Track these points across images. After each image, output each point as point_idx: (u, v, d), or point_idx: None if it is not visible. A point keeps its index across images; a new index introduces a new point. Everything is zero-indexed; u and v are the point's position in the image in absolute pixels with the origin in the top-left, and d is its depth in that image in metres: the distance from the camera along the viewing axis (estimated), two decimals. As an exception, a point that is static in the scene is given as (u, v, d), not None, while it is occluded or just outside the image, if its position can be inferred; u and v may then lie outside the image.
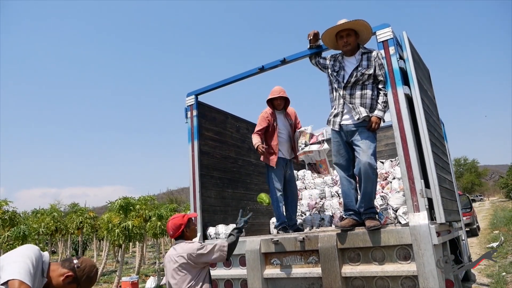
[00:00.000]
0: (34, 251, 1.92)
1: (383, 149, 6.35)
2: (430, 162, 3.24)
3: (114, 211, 9.88)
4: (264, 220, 5.58)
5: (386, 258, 3.15)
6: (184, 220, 3.10)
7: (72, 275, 2.02)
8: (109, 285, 10.83)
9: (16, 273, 1.74)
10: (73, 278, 2.02)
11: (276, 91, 4.46)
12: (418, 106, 3.36)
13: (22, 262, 1.81)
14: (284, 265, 3.65)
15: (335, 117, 3.64)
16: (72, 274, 2.01)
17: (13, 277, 1.72)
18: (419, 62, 3.97)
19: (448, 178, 4.06)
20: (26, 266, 1.79)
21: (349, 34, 3.58)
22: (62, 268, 2.02)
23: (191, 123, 4.67)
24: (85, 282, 2.08)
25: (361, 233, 3.25)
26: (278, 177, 4.36)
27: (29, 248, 1.93)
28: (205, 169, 4.68)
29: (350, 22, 3.51)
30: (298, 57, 4.03)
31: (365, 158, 3.36)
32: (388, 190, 4.66)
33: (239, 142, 5.49)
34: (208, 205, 4.60)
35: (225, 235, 4.26)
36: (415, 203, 3.09)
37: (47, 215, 14.27)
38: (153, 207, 13.02)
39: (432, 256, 2.86)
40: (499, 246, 11.23)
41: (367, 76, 3.51)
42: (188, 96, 4.77)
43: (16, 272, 1.74)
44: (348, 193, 3.60)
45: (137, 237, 9.82)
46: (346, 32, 3.57)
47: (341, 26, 3.55)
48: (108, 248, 13.84)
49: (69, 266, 2.03)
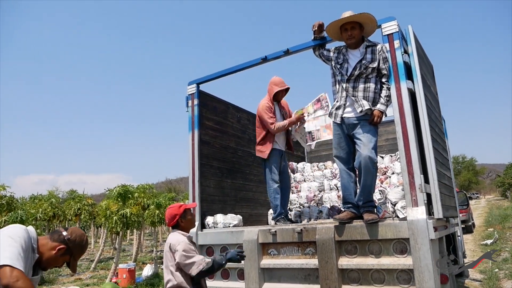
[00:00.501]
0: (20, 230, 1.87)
1: (383, 144, 6.35)
2: (431, 157, 3.24)
3: (113, 198, 9.90)
4: (262, 211, 5.60)
5: (382, 251, 3.17)
6: (180, 210, 3.11)
7: (64, 247, 2.00)
8: (106, 272, 10.89)
9: (6, 258, 1.71)
10: (66, 250, 2.01)
11: (282, 82, 4.50)
12: (420, 101, 3.35)
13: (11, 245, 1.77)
14: (281, 256, 3.67)
15: (337, 109, 3.64)
16: (64, 247, 2.00)
17: (3, 263, 1.69)
18: (423, 57, 3.95)
19: (447, 174, 4.07)
20: (15, 249, 1.76)
21: (354, 27, 3.55)
22: (52, 242, 1.99)
23: (192, 112, 4.66)
24: (77, 251, 2.08)
25: (359, 226, 3.27)
26: (275, 168, 4.40)
27: (15, 228, 1.89)
28: (204, 159, 4.68)
29: (355, 15, 3.48)
30: (302, 48, 4.00)
31: (365, 151, 3.36)
32: (387, 185, 4.67)
33: (239, 133, 5.48)
34: (207, 194, 4.61)
35: (223, 224, 4.28)
36: (413, 197, 3.10)
37: (45, 201, 14.31)
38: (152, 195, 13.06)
39: (428, 250, 2.88)
40: (493, 243, 11.32)
41: (370, 69, 3.50)
42: (189, 84, 4.75)
43: (6, 257, 1.71)
44: (347, 186, 3.61)
45: (135, 225, 9.86)
46: (351, 25, 3.55)
47: (346, 19, 3.52)
48: (105, 235, 13.92)
49: (60, 239, 2.01)
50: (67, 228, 2.13)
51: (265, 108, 4.40)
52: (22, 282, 1.68)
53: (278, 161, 4.45)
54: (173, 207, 3.17)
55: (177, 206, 3.17)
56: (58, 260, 2.01)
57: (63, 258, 2.03)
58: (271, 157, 4.40)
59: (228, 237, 4.00)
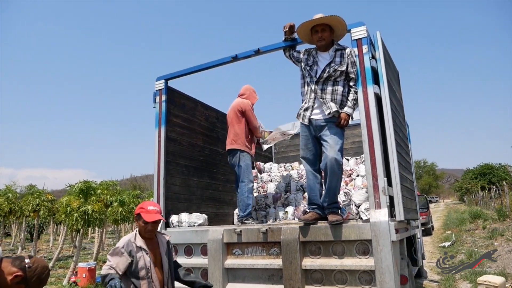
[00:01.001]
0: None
1: (349, 147, 6.47)
2: (394, 161, 3.32)
3: (74, 194, 9.55)
4: (228, 211, 5.56)
5: (346, 253, 3.21)
6: (136, 211, 2.91)
7: (22, 275, 1.86)
8: (64, 271, 10.50)
9: None
10: (22, 279, 1.87)
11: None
12: (386, 105, 3.43)
13: None
14: (245, 256, 3.65)
15: (305, 111, 3.66)
16: (21, 274, 1.86)
17: None
18: (390, 63, 4.04)
19: (409, 178, 4.19)
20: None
21: (324, 30, 3.59)
22: (12, 267, 1.86)
23: (159, 108, 4.56)
24: (35, 283, 1.93)
25: (323, 227, 3.30)
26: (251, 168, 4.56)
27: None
28: (171, 156, 4.59)
29: (326, 17, 3.51)
30: (272, 48, 4.01)
31: (332, 153, 3.40)
32: (351, 187, 4.75)
33: (207, 131, 5.42)
34: (172, 192, 4.52)
35: (188, 224, 4.21)
36: (377, 200, 3.16)
37: (1, 196, 13.64)
38: (115, 192, 12.71)
39: (389, 252, 2.94)
40: (451, 245, 11.81)
41: (339, 72, 3.54)
42: (157, 80, 4.64)
43: None
44: (313, 187, 3.64)
45: (97, 222, 9.54)
46: (321, 27, 3.58)
47: (317, 20, 3.55)
48: (65, 232, 13.41)
49: (20, 265, 1.87)
50: (32, 256, 1.98)
51: (252, 110, 4.65)
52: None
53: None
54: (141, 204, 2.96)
55: (141, 205, 2.95)
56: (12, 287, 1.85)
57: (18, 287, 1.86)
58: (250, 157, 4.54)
59: (193, 237, 3.94)
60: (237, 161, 4.49)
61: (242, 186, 4.39)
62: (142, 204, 2.96)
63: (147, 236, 2.88)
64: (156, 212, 2.87)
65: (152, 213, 2.85)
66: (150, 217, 2.82)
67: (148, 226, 2.83)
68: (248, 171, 4.46)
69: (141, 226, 2.85)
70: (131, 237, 2.88)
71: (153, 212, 2.85)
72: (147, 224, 2.82)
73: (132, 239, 2.85)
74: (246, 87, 4.88)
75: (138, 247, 2.81)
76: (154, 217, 2.82)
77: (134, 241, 2.83)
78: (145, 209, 2.88)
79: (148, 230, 2.84)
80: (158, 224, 2.94)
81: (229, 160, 4.64)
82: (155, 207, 2.91)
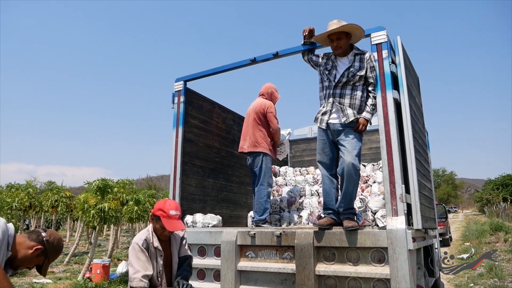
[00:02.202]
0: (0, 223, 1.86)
1: (366, 153, 6.38)
2: (413, 168, 3.26)
3: (91, 192, 9.69)
4: (242, 213, 5.56)
5: (360, 259, 3.16)
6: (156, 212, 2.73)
7: (42, 247, 2.00)
8: (79, 266, 10.67)
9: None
10: (42, 251, 2.00)
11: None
12: (405, 111, 3.38)
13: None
14: (258, 259, 3.64)
15: (323, 115, 3.63)
16: (41, 247, 1.99)
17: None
18: (410, 68, 3.98)
19: (428, 186, 4.11)
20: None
21: (340, 38, 3.56)
22: (29, 241, 1.98)
23: (177, 109, 4.60)
24: (53, 254, 2.08)
25: (338, 232, 3.26)
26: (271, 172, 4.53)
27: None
28: (187, 157, 4.62)
29: (338, 27, 3.50)
30: (291, 52, 4.00)
31: (349, 158, 3.36)
32: (367, 193, 4.69)
33: (224, 133, 5.44)
34: (187, 193, 4.55)
35: (202, 224, 4.22)
36: (394, 207, 3.11)
37: (22, 191, 13.94)
38: (131, 191, 12.85)
39: (406, 261, 2.88)
40: (469, 258, 11.51)
41: (358, 77, 3.51)
42: (176, 81, 4.69)
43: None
44: (329, 192, 3.60)
45: (112, 220, 9.66)
46: (337, 35, 3.56)
47: (330, 31, 3.54)
48: (82, 229, 13.63)
49: (38, 239, 2.01)
50: (46, 229, 2.13)
51: (274, 112, 4.53)
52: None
53: None
54: (159, 203, 2.78)
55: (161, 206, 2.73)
56: (32, 260, 2.00)
57: (38, 259, 2.02)
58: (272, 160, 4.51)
59: (207, 237, 3.95)
60: (259, 164, 4.39)
61: (261, 189, 4.32)
62: (162, 206, 2.73)
63: (162, 238, 2.81)
64: (177, 219, 2.70)
65: (174, 219, 2.67)
66: (172, 226, 2.65)
67: (165, 232, 2.72)
68: (269, 175, 4.40)
69: (158, 229, 2.73)
70: (147, 234, 2.76)
71: (174, 219, 2.68)
72: (166, 230, 2.70)
73: (150, 238, 2.74)
74: (267, 85, 4.76)
75: (155, 247, 2.73)
76: (176, 226, 2.65)
77: (152, 241, 2.74)
78: (167, 213, 2.68)
79: (165, 235, 2.76)
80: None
81: (249, 162, 4.54)
82: (177, 212, 2.73)
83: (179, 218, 2.74)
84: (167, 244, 2.89)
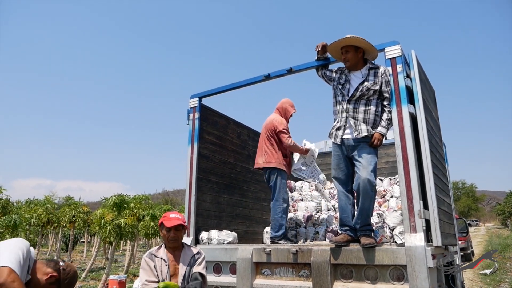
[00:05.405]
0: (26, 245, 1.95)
1: (383, 167, 6.30)
2: (430, 183, 3.19)
3: (108, 207, 9.81)
4: (258, 229, 5.52)
5: (379, 277, 3.09)
6: (160, 221, 2.99)
7: (56, 275, 2.05)
8: (96, 282, 10.71)
9: (8, 261, 1.78)
10: (56, 279, 2.05)
11: (294, 105, 4.74)
12: (422, 125, 3.33)
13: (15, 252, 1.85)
14: (274, 276, 3.59)
15: (337, 130, 3.61)
16: (56, 275, 2.05)
17: (4, 264, 1.76)
18: (425, 82, 3.94)
19: (447, 201, 4.01)
20: (18, 256, 1.84)
21: (348, 51, 3.57)
22: (47, 268, 2.05)
23: (192, 125, 4.64)
24: (66, 285, 2.12)
25: (355, 249, 3.20)
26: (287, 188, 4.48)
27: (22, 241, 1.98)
28: (202, 173, 4.63)
29: (340, 40, 3.51)
30: (305, 67, 4.01)
31: (365, 174, 3.32)
32: (385, 208, 4.61)
33: (239, 148, 5.45)
34: (202, 209, 4.55)
35: (217, 241, 4.21)
36: (412, 223, 3.04)
37: (40, 206, 14.19)
38: (148, 206, 12.94)
39: (426, 279, 2.80)
40: (493, 273, 11.14)
41: (372, 91, 3.49)
42: (191, 98, 4.74)
43: (8, 260, 1.78)
44: (345, 208, 3.56)
45: (129, 235, 9.74)
46: (345, 48, 3.58)
47: (337, 43, 3.56)
48: (98, 244, 13.75)
49: (55, 267, 2.07)
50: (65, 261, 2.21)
51: (285, 125, 4.51)
52: (18, 284, 1.74)
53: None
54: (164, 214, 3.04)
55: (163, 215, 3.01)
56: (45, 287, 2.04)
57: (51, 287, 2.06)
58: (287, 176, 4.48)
59: (222, 254, 3.93)
60: (274, 180, 4.38)
61: (276, 205, 4.30)
62: (164, 214, 3.02)
63: (171, 245, 2.91)
64: (177, 219, 2.90)
65: (173, 219, 2.89)
66: (171, 222, 2.86)
67: (170, 233, 2.87)
68: (284, 191, 4.37)
69: (164, 235, 2.90)
70: (155, 247, 2.98)
71: (174, 219, 2.90)
72: (169, 232, 2.86)
73: (155, 250, 2.94)
74: (283, 100, 4.76)
75: (158, 257, 2.87)
76: (174, 222, 2.86)
77: (157, 252, 2.91)
78: (167, 217, 2.94)
79: (171, 237, 2.88)
80: (182, 232, 2.95)
81: (265, 177, 4.56)
82: (176, 215, 2.95)
83: (178, 219, 2.91)
84: (177, 257, 2.94)
